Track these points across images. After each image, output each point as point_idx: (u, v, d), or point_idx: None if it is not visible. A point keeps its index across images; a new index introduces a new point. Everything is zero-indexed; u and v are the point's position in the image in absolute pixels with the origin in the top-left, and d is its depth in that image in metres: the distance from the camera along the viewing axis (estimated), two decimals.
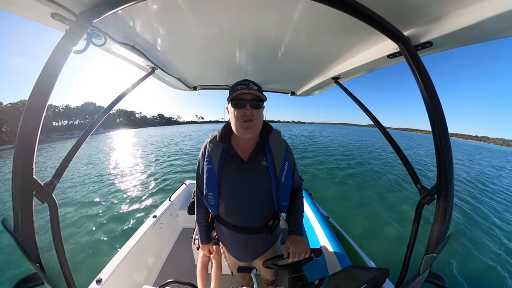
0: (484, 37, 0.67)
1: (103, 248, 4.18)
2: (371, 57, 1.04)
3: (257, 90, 0.96)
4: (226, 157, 1.08)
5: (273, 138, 1.12)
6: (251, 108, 0.96)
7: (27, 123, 0.60)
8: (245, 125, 0.97)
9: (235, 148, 1.08)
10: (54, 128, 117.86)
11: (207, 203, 1.12)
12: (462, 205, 7.36)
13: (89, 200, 6.94)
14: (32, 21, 0.75)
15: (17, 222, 0.57)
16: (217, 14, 0.87)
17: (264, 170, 1.06)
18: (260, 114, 1.01)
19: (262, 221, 1.12)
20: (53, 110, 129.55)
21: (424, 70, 0.72)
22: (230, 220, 1.13)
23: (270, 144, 1.10)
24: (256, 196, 1.08)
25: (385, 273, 0.77)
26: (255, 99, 0.97)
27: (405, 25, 0.76)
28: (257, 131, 1.03)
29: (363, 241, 4.27)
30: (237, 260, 1.31)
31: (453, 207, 0.68)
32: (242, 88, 0.94)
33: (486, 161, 26.90)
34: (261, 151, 1.09)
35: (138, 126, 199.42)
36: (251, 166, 1.06)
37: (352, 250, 1.74)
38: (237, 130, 1.01)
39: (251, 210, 1.09)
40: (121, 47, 1.07)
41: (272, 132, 1.13)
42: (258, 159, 1.08)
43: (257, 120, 0.99)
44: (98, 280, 1.48)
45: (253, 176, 1.06)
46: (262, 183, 1.06)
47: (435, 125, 0.69)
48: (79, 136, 0.90)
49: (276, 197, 1.08)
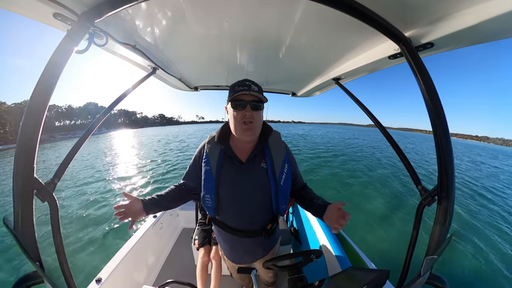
0: (486, 38, 0.66)
1: (102, 247, 4.19)
2: (372, 58, 1.03)
3: (258, 92, 0.95)
4: (224, 158, 1.06)
5: (273, 139, 1.11)
6: (251, 109, 0.95)
7: (28, 122, 0.60)
8: (244, 127, 0.96)
9: (233, 149, 1.06)
10: (57, 128, 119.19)
11: (205, 205, 1.09)
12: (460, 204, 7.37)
13: (92, 197, 6.97)
14: (34, 21, 0.76)
15: (18, 220, 0.57)
16: (218, 15, 0.87)
17: (263, 172, 1.05)
18: (260, 116, 1.00)
19: (261, 224, 1.10)
20: (56, 110, 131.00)
21: (425, 71, 0.72)
22: (228, 223, 1.10)
23: (270, 145, 1.08)
24: (255, 199, 1.05)
25: (386, 275, 0.76)
26: (256, 101, 0.95)
27: (406, 26, 0.75)
28: (256, 133, 1.02)
29: (362, 242, 4.26)
30: (234, 263, 1.29)
31: (454, 208, 0.67)
32: (244, 89, 0.93)
33: (469, 156, 29.41)
34: (260, 152, 1.07)
35: (139, 126, 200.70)
36: (250, 168, 1.05)
37: (352, 251, 1.74)
38: (236, 131, 1.00)
39: (249, 212, 1.07)
40: (123, 47, 1.08)
41: (272, 133, 1.12)
42: (257, 161, 1.06)
43: (257, 122, 0.98)
44: (98, 280, 1.48)
45: (251, 177, 1.04)
46: (261, 185, 1.04)
47: (436, 126, 0.69)
48: (81, 135, 0.91)
49: (275, 200, 1.06)
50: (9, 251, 4.18)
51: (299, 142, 28.26)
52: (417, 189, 0.80)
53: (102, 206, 6.35)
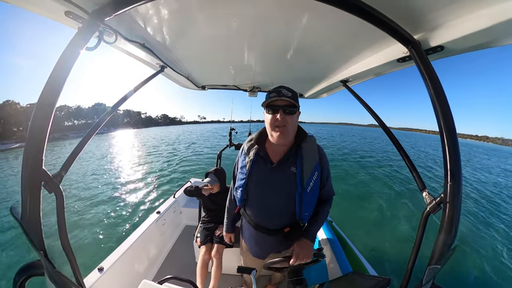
0: (499, 41, 0.64)
1: (104, 241, 4.29)
2: (381, 61, 1.02)
3: (290, 97, 0.99)
4: (258, 158, 1.13)
5: (307, 144, 1.11)
6: (284, 114, 0.99)
7: (38, 115, 0.62)
8: (277, 130, 1.01)
9: (267, 151, 1.13)
10: (69, 128, 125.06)
11: (236, 195, 1.22)
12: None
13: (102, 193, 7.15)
14: (46, 18, 0.78)
15: (25, 210, 0.59)
16: (226, 15, 0.87)
17: (292, 176, 1.07)
18: (293, 120, 1.03)
19: (279, 224, 1.15)
20: (66, 111, 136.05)
21: (434, 76, 0.70)
22: (251, 216, 1.20)
23: (303, 151, 1.09)
24: (277, 199, 1.10)
25: (386, 283, 0.75)
26: (288, 105, 1.00)
27: (416, 28, 0.74)
28: (289, 137, 1.06)
29: (364, 247, 4.17)
30: (252, 256, 1.36)
31: (460, 217, 0.65)
32: (275, 95, 0.99)
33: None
34: (292, 156, 1.09)
35: (144, 125, 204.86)
36: (279, 170, 1.09)
37: (354, 256, 1.71)
38: (270, 135, 1.07)
39: (270, 211, 1.13)
40: (132, 45, 1.10)
41: (307, 138, 1.13)
42: (288, 165, 1.09)
43: (289, 126, 1.02)
44: (100, 268, 1.52)
45: (279, 179, 1.09)
46: (287, 188, 1.07)
47: (444, 132, 0.67)
48: (89, 130, 0.93)
49: (299, 205, 1.07)
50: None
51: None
52: (421, 195, 0.78)
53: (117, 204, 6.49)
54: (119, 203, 6.25)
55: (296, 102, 1.01)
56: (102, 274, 1.49)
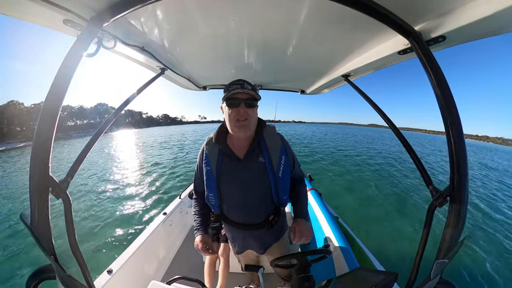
0: (502, 29, 0.62)
1: (112, 242, 4.35)
2: (381, 54, 1.00)
3: (251, 90, 0.98)
4: (223, 157, 1.11)
5: (268, 133, 1.13)
6: (245, 107, 0.99)
7: (43, 124, 0.63)
8: (239, 124, 1.00)
9: (231, 147, 1.11)
10: (72, 127, 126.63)
11: (209, 203, 1.16)
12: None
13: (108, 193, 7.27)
14: (46, 27, 0.79)
15: (34, 216, 0.60)
16: (224, 14, 0.87)
17: (261, 166, 1.08)
18: (254, 113, 1.03)
19: (264, 216, 1.14)
20: (69, 111, 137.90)
21: (437, 67, 0.68)
22: (233, 218, 1.15)
23: (266, 139, 1.11)
24: (255, 192, 1.09)
25: (394, 277, 0.74)
26: (250, 98, 0.99)
27: (416, 19, 0.72)
28: (251, 130, 1.06)
29: (370, 243, 4.14)
30: (246, 251, 1.32)
31: (467, 210, 0.64)
32: (237, 87, 0.97)
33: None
34: (257, 147, 1.10)
35: (145, 125, 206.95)
36: (248, 163, 1.08)
37: (361, 252, 1.70)
38: (232, 129, 1.04)
39: (251, 206, 1.11)
40: (131, 49, 1.11)
41: (266, 127, 1.14)
42: (254, 156, 1.09)
43: (251, 119, 1.02)
44: (109, 271, 1.55)
45: (250, 172, 1.08)
46: (260, 179, 1.08)
47: (448, 123, 0.66)
48: (92, 135, 0.94)
49: (275, 192, 1.09)
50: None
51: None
52: (428, 189, 0.77)
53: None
54: (125, 204, 6.33)
55: (257, 95, 1.01)
56: (111, 276, 1.51)
